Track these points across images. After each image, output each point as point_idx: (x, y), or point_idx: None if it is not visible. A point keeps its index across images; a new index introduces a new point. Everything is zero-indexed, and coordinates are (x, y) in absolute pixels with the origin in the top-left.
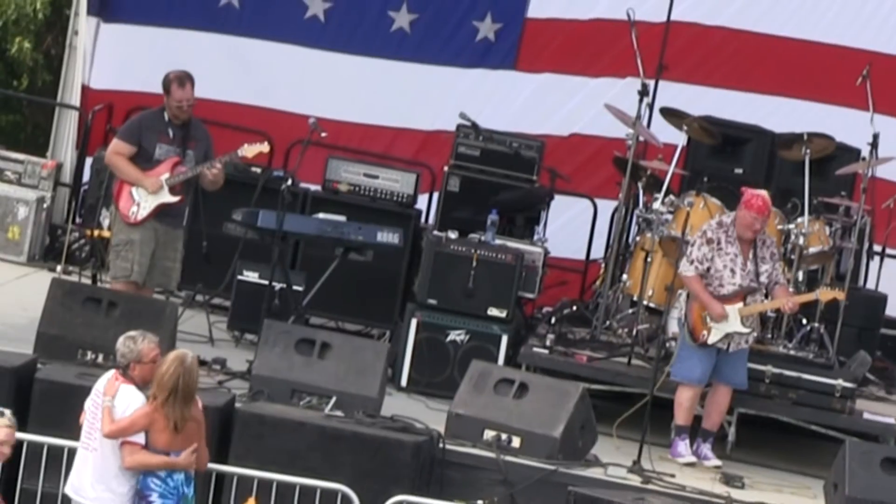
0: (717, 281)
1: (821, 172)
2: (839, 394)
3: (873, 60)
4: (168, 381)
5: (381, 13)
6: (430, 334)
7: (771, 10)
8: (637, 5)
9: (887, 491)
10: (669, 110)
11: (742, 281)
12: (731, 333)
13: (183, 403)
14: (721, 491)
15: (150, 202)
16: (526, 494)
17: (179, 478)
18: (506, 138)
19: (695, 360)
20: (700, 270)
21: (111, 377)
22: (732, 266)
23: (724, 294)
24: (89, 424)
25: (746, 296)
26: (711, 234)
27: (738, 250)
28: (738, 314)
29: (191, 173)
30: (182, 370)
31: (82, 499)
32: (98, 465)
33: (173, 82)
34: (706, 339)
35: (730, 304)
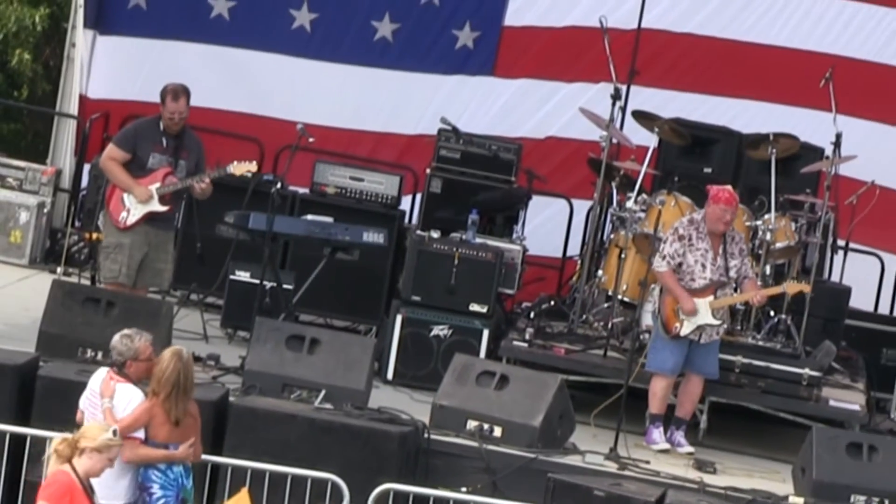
0: (689, 276)
1: (786, 171)
2: (806, 382)
3: (836, 63)
4: (170, 377)
5: (365, 23)
6: (414, 329)
7: (737, 17)
8: (609, 13)
9: (852, 474)
10: (641, 113)
11: (712, 275)
12: (702, 325)
13: (183, 397)
14: (694, 476)
15: (139, 209)
16: (507, 481)
17: (178, 470)
18: (485, 141)
19: (668, 352)
20: (672, 266)
21: (105, 377)
22: (703, 261)
23: (695, 288)
24: (88, 422)
25: (717, 289)
26: (683, 231)
27: (708, 246)
28: (708, 307)
29: (181, 185)
30: (181, 366)
31: None
32: None
33: (168, 94)
34: (679, 331)
35: (701, 298)
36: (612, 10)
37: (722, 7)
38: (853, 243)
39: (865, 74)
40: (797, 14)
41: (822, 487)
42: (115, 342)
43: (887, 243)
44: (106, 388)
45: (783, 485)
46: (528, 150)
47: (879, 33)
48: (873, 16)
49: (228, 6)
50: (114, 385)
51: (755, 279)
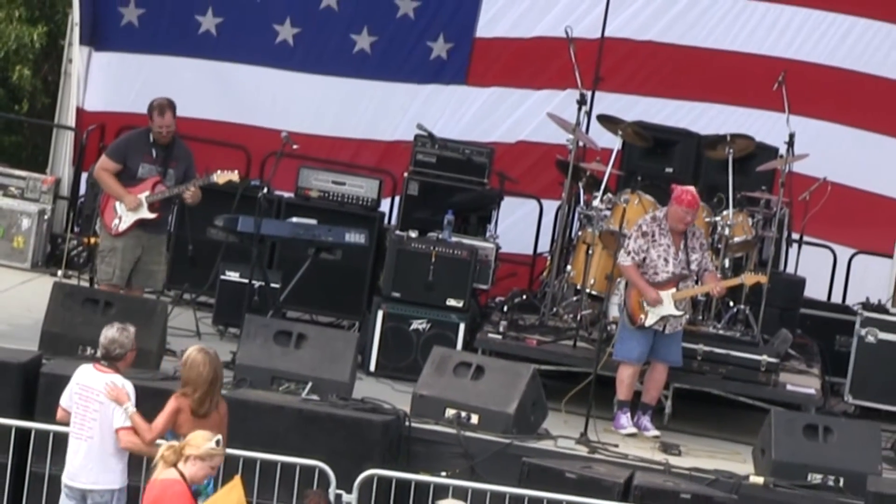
0: (653, 269)
1: (743, 169)
2: (764, 368)
3: (788, 67)
4: (207, 376)
5: (344, 36)
6: (394, 324)
7: (695, 25)
8: (574, 24)
9: (809, 454)
10: (605, 117)
11: (674, 269)
12: (666, 316)
13: (215, 393)
14: (660, 458)
15: (129, 217)
16: (484, 466)
17: None
18: (459, 146)
19: (634, 342)
20: (637, 261)
21: (93, 372)
22: (666, 256)
23: (658, 281)
24: (80, 416)
25: (679, 282)
26: (646, 228)
27: (670, 241)
28: (671, 298)
29: (169, 193)
30: (216, 363)
31: (80, 484)
32: (96, 450)
33: (155, 110)
34: (644, 322)
35: (664, 290)
36: (576, 21)
37: (680, 16)
38: (807, 236)
39: (816, 77)
40: (751, 21)
41: (780, 467)
42: (115, 336)
43: (839, 236)
44: (118, 393)
45: (744, 465)
46: (499, 154)
47: (829, 37)
48: (823, 21)
49: (215, 22)
50: (122, 385)
51: (715, 272)
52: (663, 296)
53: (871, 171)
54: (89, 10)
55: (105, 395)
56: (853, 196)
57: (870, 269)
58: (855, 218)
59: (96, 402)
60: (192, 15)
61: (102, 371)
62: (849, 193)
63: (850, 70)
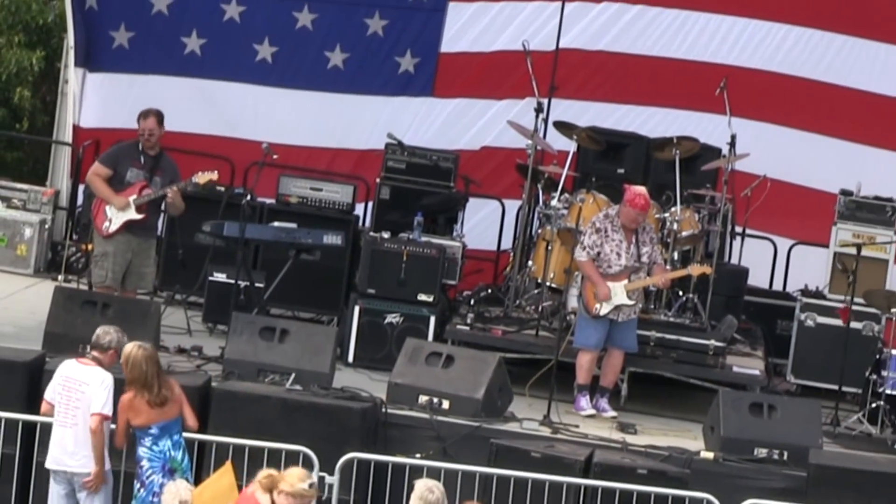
0: (606, 263)
1: (689, 169)
2: (712, 352)
3: (729, 73)
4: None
5: (319, 54)
6: (370, 318)
7: (641, 35)
8: (531, 38)
9: (755, 430)
10: (561, 123)
11: (626, 262)
12: (619, 305)
13: (157, 382)
14: (617, 437)
15: (118, 218)
16: (455, 447)
17: (166, 444)
18: (427, 153)
19: (591, 330)
20: (591, 255)
21: (77, 365)
22: (618, 250)
23: (611, 273)
24: (64, 405)
25: (630, 274)
26: (599, 225)
27: (622, 237)
28: (623, 289)
29: (154, 195)
30: (144, 357)
31: (66, 467)
32: (81, 436)
33: (139, 115)
34: (599, 311)
35: (617, 281)
36: (533, 35)
37: (628, 27)
38: (749, 229)
39: (756, 81)
40: (694, 30)
41: (729, 443)
42: (108, 329)
43: (778, 228)
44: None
45: (695, 442)
46: (464, 160)
47: (767, 44)
48: (761, 29)
49: (200, 43)
50: (100, 373)
51: (663, 264)
52: (616, 286)
53: (807, 168)
54: (83, 35)
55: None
56: (791, 191)
57: (807, 259)
58: (793, 211)
59: (78, 391)
60: (178, 37)
61: (86, 365)
62: (787, 189)
63: (786, 75)
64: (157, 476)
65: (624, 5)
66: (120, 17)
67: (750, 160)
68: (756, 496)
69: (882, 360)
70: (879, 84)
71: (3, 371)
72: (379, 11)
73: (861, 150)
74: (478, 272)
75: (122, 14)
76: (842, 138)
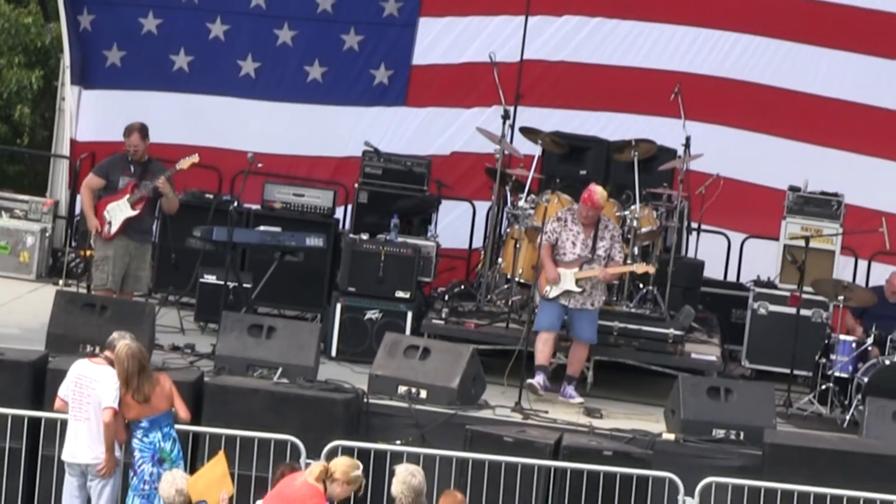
0: (562, 250)
1: (647, 169)
2: (671, 340)
3: (682, 79)
4: (125, 369)
5: (299, 68)
6: (351, 314)
7: (600, 45)
8: (497, 50)
9: (713, 413)
10: (527, 129)
11: (581, 252)
12: (568, 291)
13: (143, 379)
14: (584, 421)
15: (117, 219)
16: (433, 434)
17: (156, 436)
18: (401, 159)
19: (544, 311)
20: (550, 240)
21: (88, 364)
22: (574, 240)
23: (565, 261)
24: (77, 402)
25: (583, 264)
26: (561, 215)
27: (580, 229)
28: (572, 276)
29: (145, 191)
30: (128, 356)
31: (80, 460)
32: (93, 430)
33: (124, 132)
34: (548, 294)
35: (568, 269)
36: (499, 47)
37: (588, 38)
38: (704, 225)
39: (707, 86)
40: (649, 40)
41: (688, 424)
42: (124, 333)
43: (731, 224)
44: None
45: (657, 424)
46: (436, 165)
47: (717, 52)
48: (711, 37)
49: (187, 60)
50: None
51: (620, 262)
52: (566, 273)
53: (757, 167)
54: (78, 55)
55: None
56: (742, 188)
57: (759, 251)
58: (744, 207)
59: (90, 388)
60: (166, 55)
61: (97, 364)
62: (738, 186)
63: (735, 79)
64: (146, 465)
65: (583, 18)
66: (112, 37)
67: (703, 160)
68: (715, 474)
69: (830, 345)
70: (823, 87)
71: (10, 370)
72: (354, 27)
73: (807, 148)
74: (451, 270)
75: (114, 34)
76: (789, 138)
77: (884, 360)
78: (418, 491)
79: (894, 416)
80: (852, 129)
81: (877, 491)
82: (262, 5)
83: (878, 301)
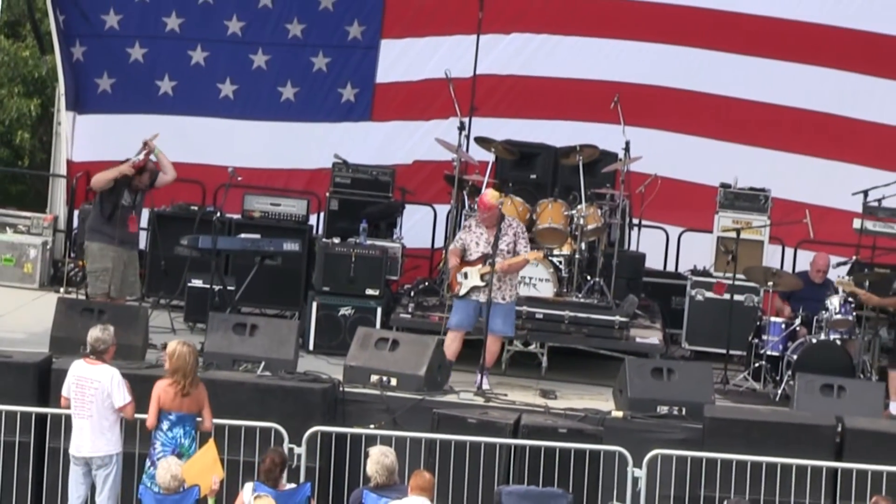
0: (469, 252)
1: (591, 172)
2: (618, 326)
3: (621, 89)
4: (187, 361)
5: (273, 89)
6: (326, 312)
7: (546, 60)
8: (452, 66)
9: (657, 391)
10: (481, 138)
11: (484, 250)
12: (475, 286)
13: (194, 374)
14: (540, 402)
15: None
16: (403, 418)
17: (178, 432)
18: (368, 169)
19: (456, 311)
20: (457, 247)
21: (85, 365)
22: (478, 241)
23: (471, 259)
24: (79, 400)
25: (486, 260)
26: (467, 223)
27: (483, 230)
28: (477, 272)
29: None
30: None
31: (85, 453)
32: (95, 426)
33: None
34: (459, 291)
35: (474, 267)
36: (453, 64)
37: (534, 53)
38: (644, 221)
39: (643, 94)
40: (590, 53)
41: (635, 402)
42: (98, 335)
43: (669, 219)
44: (97, 372)
45: (607, 403)
46: (400, 173)
47: (652, 63)
48: (648, 49)
49: (171, 85)
50: (107, 369)
51: (524, 256)
52: (472, 270)
53: (691, 166)
54: (72, 83)
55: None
56: (678, 186)
57: (694, 243)
58: (680, 204)
59: (91, 388)
60: (152, 81)
61: (93, 364)
62: (674, 185)
63: (669, 87)
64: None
65: (530, 35)
66: (102, 66)
67: (642, 162)
68: (660, 447)
69: (762, 327)
70: (748, 91)
71: (17, 371)
72: (322, 51)
73: (736, 148)
74: (415, 268)
75: (104, 64)
76: (719, 139)
77: (811, 339)
78: (391, 469)
79: (821, 390)
80: (777, 129)
81: (806, 458)
82: (238, 33)
83: (804, 285)
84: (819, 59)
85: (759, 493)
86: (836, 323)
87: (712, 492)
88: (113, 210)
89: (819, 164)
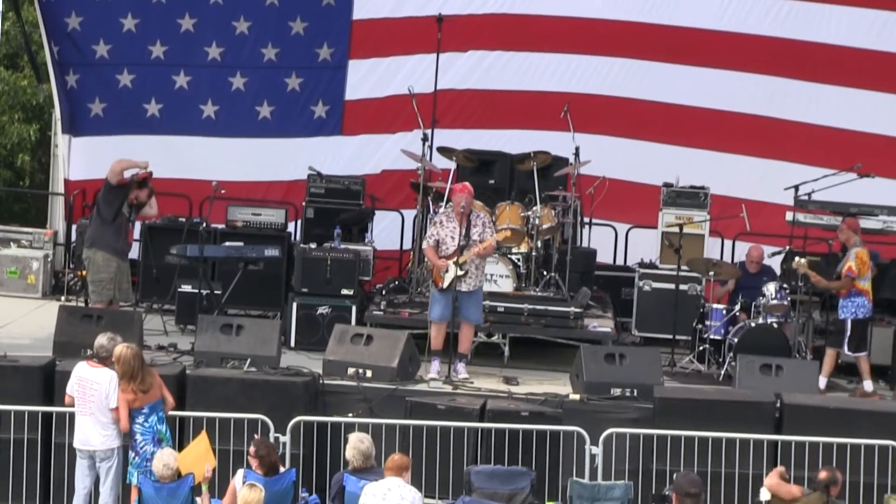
0: (444, 246)
1: (545, 176)
2: (573, 316)
3: (570, 99)
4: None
5: (251, 109)
6: (305, 311)
7: (500, 74)
8: (414, 83)
9: (610, 375)
10: (443, 148)
11: (459, 242)
12: (454, 277)
13: (142, 373)
14: (504, 388)
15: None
16: (379, 406)
17: (153, 420)
18: (340, 179)
19: (436, 304)
20: (430, 243)
21: (88, 367)
22: (452, 234)
23: (448, 253)
24: (81, 399)
25: (462, 250)
26: (436, 219)
27: (455, 224)
28: (454, 265)
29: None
30: (132, 355)
31: (90, 446)
32: (96, 421)
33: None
34: (443, 285)
35: (451, 259)
36: (416, 81)
37: (489, 68)
38: (595, 219)
39: (591, 103)
40: (541, 67)
41: (591, 386)
42: (104, 343)
43: (617, 217)
44: (97, 374)
45: (565, 387)
46: (369, 182)
47: (597, 75)
48: (593, 62)
49: (158, 108)
50: (106, 370)
51: (491, 242)
52: (450, 264)
53: (636, 168)
54: (67, 108)
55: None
56: (625, 187)
57: (641, 239)
58: (627, 203)
59: (92, 388)
60: (140, 104)
61: (95, 367)
62: (621, 185)
63: (614, 96)
64: (149, 446)
65: (485, 52)
66: (94, 92)
67: (591, 165)
68: (615, 426)
69: (705, 313)
70: (687, 97)
71: (24, 374)
72: (295, 72)
73: (676, 150)
74: (386, 269)
75: (95, 90)
76: (661, 142)
77: (749, 323)
78: (367, 454)
79: (761, 369)
80: (713, 131)
81: (749, 432)
82: (218, 58)
83: (742, 273)
84: (752, 67)
85: (706, 466)
86: (772, 308)
87: (663, 466)
88: (115, 217)
89: (753, 162)
